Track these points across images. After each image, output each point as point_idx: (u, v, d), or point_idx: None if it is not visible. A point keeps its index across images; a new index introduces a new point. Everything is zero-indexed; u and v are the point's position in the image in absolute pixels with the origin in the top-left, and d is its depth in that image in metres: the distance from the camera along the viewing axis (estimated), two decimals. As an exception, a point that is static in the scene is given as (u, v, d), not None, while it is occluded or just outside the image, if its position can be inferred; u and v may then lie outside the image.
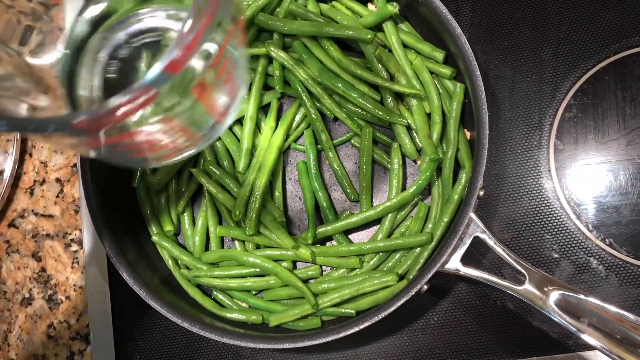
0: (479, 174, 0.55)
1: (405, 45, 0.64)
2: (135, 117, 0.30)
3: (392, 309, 0.55)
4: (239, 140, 0.68)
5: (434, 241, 0.60)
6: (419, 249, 0.61)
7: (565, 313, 0.52)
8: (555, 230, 0.65)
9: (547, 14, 0.69)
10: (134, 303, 0.72)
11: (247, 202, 0.64)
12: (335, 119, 0.69)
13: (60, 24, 0.46)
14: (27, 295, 0.76)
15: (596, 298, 0.51)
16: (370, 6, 0.66)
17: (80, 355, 0.74)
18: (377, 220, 0.65)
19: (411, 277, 0.60)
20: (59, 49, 0.45)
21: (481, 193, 0.56)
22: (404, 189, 0.66)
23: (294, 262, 0.67)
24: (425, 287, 0.56)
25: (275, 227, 0.63)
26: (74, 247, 0.76)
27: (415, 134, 0.64)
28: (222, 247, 0.69)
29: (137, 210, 0.70)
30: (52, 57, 0.44)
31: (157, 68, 0.28)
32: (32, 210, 0.78)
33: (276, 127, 0.68)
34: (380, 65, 0.64)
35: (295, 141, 0.70)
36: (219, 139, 0.69)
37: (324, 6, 0.67)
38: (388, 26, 0.63)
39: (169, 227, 0.68)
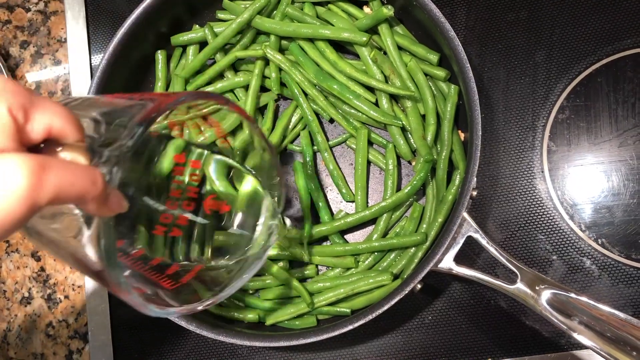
0: (472, 175, 0.56)
1: (400, 48, 0.65)
2: None
3: (385, 307, 0.56)
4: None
5: (428, 241, 0.61)
6: (413, 248, 0.62)
7: (557, 312, 0.52)
8: (549, 230, 0.66)
9: (541, 17, 0.69)
10: (132, 302, 0.73)
11: (244, 202, 0.65)
12: (331, 120, 0.69)
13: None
14: (26, 295, 0.77)
15: (587, 297, 0.52)
16: (366, 9, 0.67)
17: (79, 353, 0.75)
18: (372, 221, 0.66)
19: (405, 276, 0.60)
20: None
21: (474, 193, 0.57)
22: (398, 189, 0.66)
23: (290, 262, 0.67)
24: (419, 286, 0.56)
25: (272, 227, 0.64)
26: (73, 247, 0.77)
27: (409, 135, 0.65)
28: (219, 246, 0.70)
29: (136, 210, 0.70)
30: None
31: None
32: (32, 211, 0.79)
33: (273, 128, 0.69)
34: (375, 68, 0.65)
35: (291, 142, 0.70)
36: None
37: (320, 9, 0.68)
38: (383, 29, 0.64)
39: (166, 227, 0.69)
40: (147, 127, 0.34)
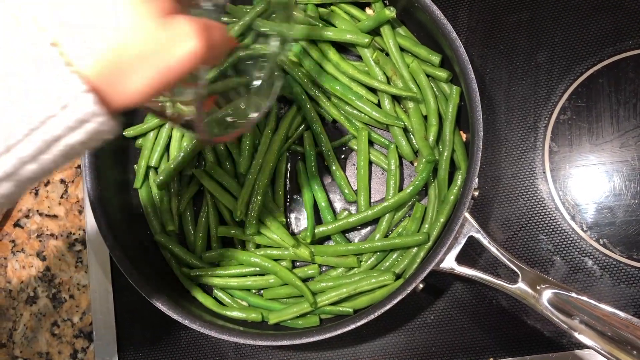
0: (473, 175, 0.56)
1: (402, 49, 0.65)
2: None
3: (387, 306, 0.56)
4: (240, 141, 0.69)
5: (430, 241, 0.61)
6: (415, 248, 0.62)
7: (558, 311, 0.53)
8: (550, 230, 0.66)
9: (543, 18, 0.70)
10: (136, 301, 0.73)
11: (248, 202, 0.65)
12: (334, 121, 0.70)
13: None
14: (31, 294, 0.78)
15: (588, 296, 0.52)
16: (368, 10, 0.68)
17: (84, 352, 0.75)
18: (374, 221, 0.66)
19: (407, 276, 0.61)
20: None
21: (476, 194, 0.57)
22: (401, 189, 0.66)
23: (293, 262, 0.68)
24: (421, 285, 0.57)
25: (276, 226, 0.65)
26: (78, 247, 0.78)
27: (412, 136, 0.65)
28: (223, 246, 0.70)
29: (140, 211, 0.71)
30: None
31: None
32: (37, 211, 0.79)
33: (276, 129, 0.69)
34: (377, 69, 0.65)
35: (294, 143, 0.71)
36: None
37: (322, 10, 0.68)
38: (385, 30, 0.65)
39: (170, 227, 0.69)
40: None
